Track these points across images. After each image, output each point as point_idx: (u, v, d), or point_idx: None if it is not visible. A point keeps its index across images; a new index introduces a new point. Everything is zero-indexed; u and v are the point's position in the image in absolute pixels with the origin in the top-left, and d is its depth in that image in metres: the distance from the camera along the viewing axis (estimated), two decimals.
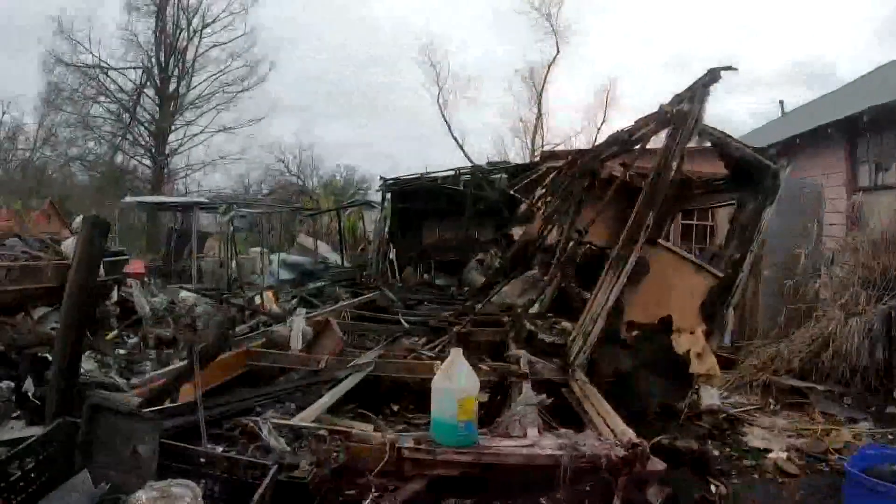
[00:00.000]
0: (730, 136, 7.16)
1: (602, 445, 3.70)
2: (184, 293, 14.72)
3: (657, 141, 7.82)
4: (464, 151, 37.38)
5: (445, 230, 17.29)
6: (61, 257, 10.43)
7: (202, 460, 3.23)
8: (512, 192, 13.26)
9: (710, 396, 7.08)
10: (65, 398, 3.86)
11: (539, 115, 41.61)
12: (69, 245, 10.95)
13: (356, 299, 10.34)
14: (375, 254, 16.92)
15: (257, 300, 14.16)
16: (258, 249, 19.28)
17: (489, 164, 18.43)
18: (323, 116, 66.54)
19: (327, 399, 4.71)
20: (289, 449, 3.36)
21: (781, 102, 22.69)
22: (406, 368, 6.17)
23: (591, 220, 7.80)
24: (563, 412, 4.97)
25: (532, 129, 41.91)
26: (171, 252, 19.57)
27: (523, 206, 13.16)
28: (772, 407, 7.60)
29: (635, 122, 7.97)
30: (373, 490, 3.27)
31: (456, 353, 3.74)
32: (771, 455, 6.03)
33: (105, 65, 36.03)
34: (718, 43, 59.53)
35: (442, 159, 67.37)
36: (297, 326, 7.10)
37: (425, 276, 15.28)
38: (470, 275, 10.85)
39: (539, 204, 11.70)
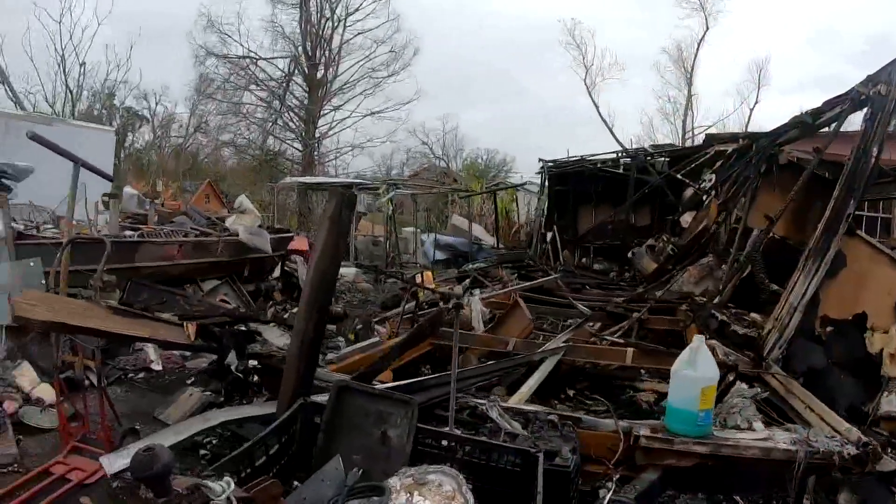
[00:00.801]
0: None
1: (834, 442, 3.58)
2: (343, 269, 15.24)
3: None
4: (612, 133, 36.59)
5: (601, 214, 16.91)
6: (228, 233, 10.95)
7: (445, 443, 3.10)
8: (678, 177, 12.88)
9: (888, 402, 6.70)
10: (304, 379, 3.82)
11: (689, 96, 40.17)
12: (232, 222, 11.53)
13: (529, 282, 10.28)
14: (534, 236, 16.79)
15: (417, 279, 14.44)
16: (410, 229, 19.54)
17: (653, 146, 17.84)
18: (466, 99, 66.74)
19: (533, 382, 4.72)
20: (527, 434, 3.35)
21: None
22: (596, 353, 6.13)
23: (783, 208, 7.51)
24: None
25: (682, 110, 40.50)
26: None
27: (688, 191, 12.77)
28: None
29: (823, 103, 7.65)
30: (614, 479, 3.23)
31: (699, 340, 3.67)
32: None
33: (254, 55, 37.57)
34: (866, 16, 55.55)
35: (587, 142, 66.45)
36: (476, 307, 7.18)
37: (583, 259, 15.08)
38: (641, 260, 10.58)
39: (708, 189, 11.35)
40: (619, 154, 17.08)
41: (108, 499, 4.25)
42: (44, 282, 7.76)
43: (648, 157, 15.16)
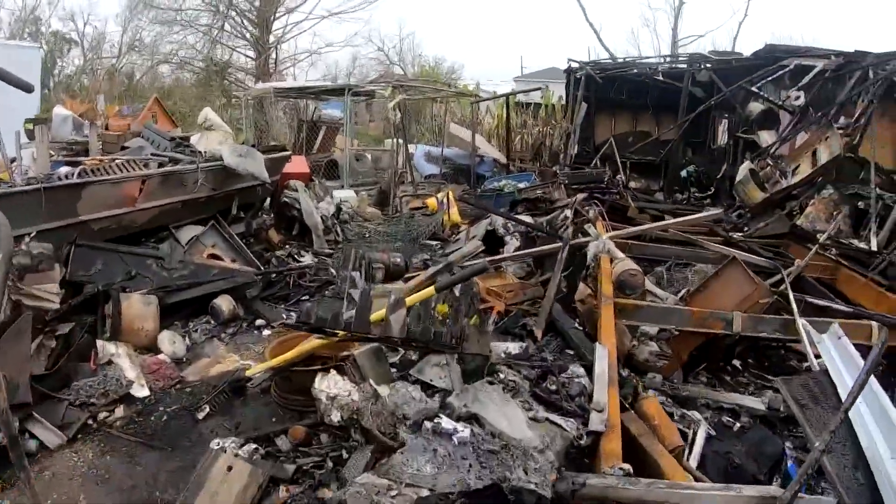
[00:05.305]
0: None
1: None
2: (340, 192, 12.86)
3: None
4: (601, 40, 34.11)
5: (621, 125, 15.34)
6: (205, 158, 8.13)
7: None
8: (755, 90, 11.55)
9: None
10: None
11: (680, 5, 38.07)
12: (197, 141, 8.84)
13: (680, 218, 8.07)
14: (565, 150, 14.95)
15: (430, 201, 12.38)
16: (391, 141, 17.38)
17: (713, 53, 16.15)
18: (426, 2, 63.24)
19: None
20: None
21: None
22: None
23: None
24: None
25: (672, 19, 38.54)
26: (301, 145, 17.75)
27: (754, 107, 11.36)
28: None
29: None
30: None
31: None
32: None
33: None
34: None
35: (552, 50, 63.81)
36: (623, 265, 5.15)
37: (617, 176, 13.31)
38: (746, 187, 8.94)
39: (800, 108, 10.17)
40: (666, 59, 15.72)
41: None
42: None
43: (707, 66, 13.73)
